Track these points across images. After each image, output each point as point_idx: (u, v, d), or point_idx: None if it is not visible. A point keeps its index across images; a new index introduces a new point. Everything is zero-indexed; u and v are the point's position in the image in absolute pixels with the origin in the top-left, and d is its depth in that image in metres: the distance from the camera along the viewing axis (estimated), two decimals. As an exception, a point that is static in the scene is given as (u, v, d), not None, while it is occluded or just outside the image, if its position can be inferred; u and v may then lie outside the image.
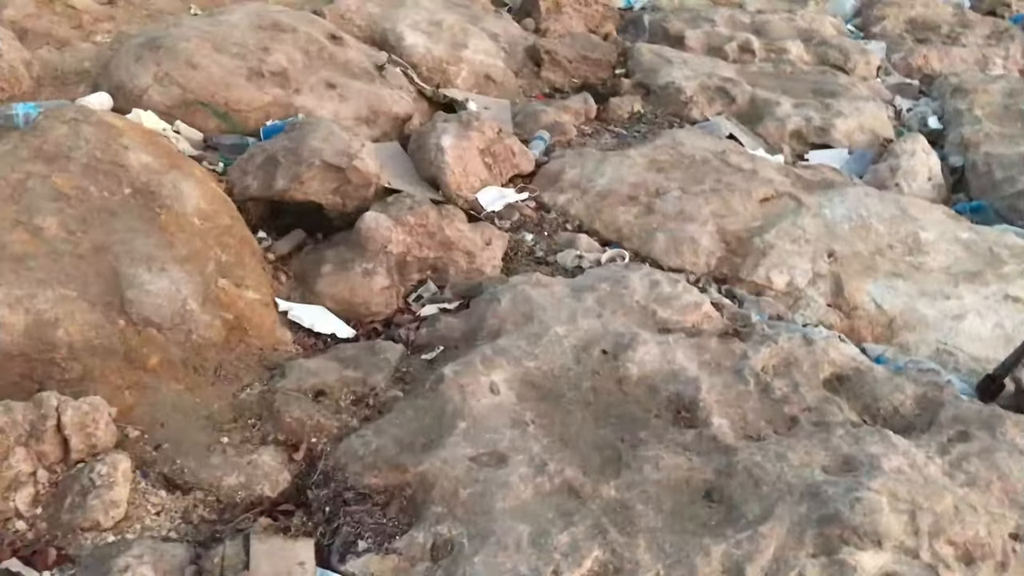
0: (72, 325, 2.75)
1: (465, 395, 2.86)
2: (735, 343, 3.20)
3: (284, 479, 2.66)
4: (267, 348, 3.20)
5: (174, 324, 2.97)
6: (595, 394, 2.96)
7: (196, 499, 2.53)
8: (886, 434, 2.68)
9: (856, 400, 3.00)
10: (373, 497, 2.61)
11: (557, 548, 2.33)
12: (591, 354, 3.10)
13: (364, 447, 2.73)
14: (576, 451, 2.73)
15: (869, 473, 2.48)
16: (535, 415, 2.85)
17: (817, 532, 2.33)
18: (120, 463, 2.42)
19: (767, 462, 2.57)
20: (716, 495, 2.54)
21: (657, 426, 2.82)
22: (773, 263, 3.99)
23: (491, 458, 2.66)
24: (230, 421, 2.82)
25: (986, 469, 2.62)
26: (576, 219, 4.36)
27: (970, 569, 2.32)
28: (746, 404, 2.92)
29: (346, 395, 3.00)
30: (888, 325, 3.80)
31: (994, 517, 2.45)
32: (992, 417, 2.81)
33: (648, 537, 2.38)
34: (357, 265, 3.62)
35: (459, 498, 2.52)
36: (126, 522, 2.39)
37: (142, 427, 2.69)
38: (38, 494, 2.39)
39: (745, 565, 2.26)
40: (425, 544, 2.42)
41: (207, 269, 3.23)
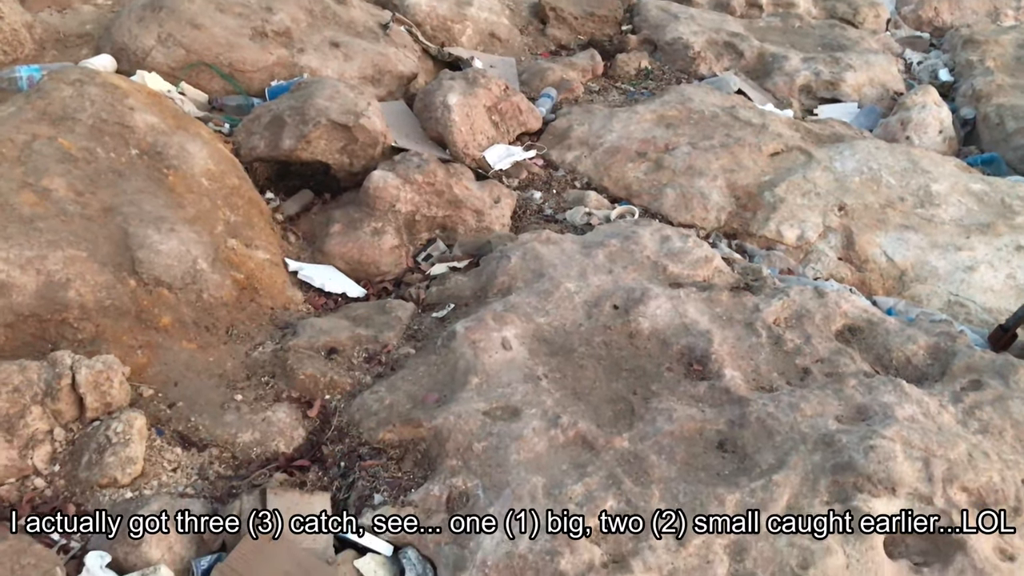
0: (83, 286, 2.75)
1: (477, 351, 2.86)
2: (746, 297, 3.19)
3: (299, 435, 2.67)
4: (278, 307, 3.20)
5: (185, 284, 2.97)
6: (607, 349, 2.96)
7: (211, 456, 2.55)
8: (899, 383, 2.68)
9: (868, 351, 3.00)
10: (388, 452, 2.63)
11: (571, 498, 2.34)
12: (602, 309, 3.09)
13: (378, 403, 2.74)
14: (589, 405, 2.73)
15: (883, 422, 2.48)
16: (547, 370, 2.86)
17: (831, 480, 2.33)
18: (135, 421, 2.43)
19: (780, 412, 2.57)
20: (729, 445, 2.54)
21: (669, 379, 2.82)
22: (783, 217, 3.97)
23: (504, 412, 2.67)
24: (243, 379, 2.83)
25: (999, 417, 2.62)
26: (584, 176, 4.33)
27: (984, 515, 2.32)
28: (758, 356, 2.91)
29: (358, 353, 3.01)
30: (899, 278, 3.78)
31: (1007, 463, 2.46)
32: (1005, 365, 2.81)
33: (662, 487, 2.39)
34: (365, 225, 3.61)
35: (473, 451, 2.53)
36: (143, 479, 2.41)
37: (156, 386, 2.70)
38: (55, 452, 2.41)
39: (759, 513, 2.27)
40: (441, 496, 2.43)
41: (216, 229, 3.22)
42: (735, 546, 2.23)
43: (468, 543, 2.27)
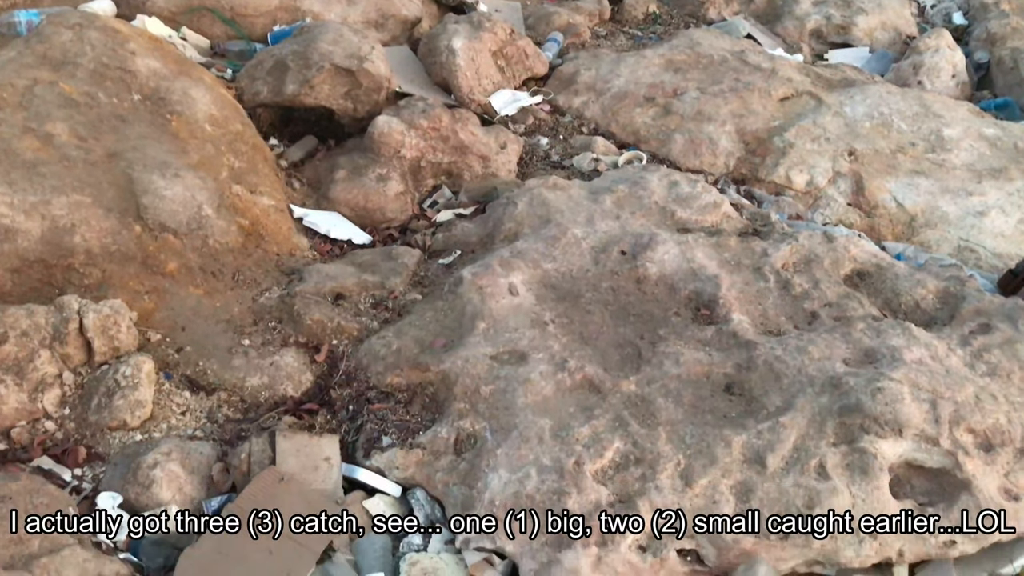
0: (88, 231, 2.74)
1: (484, 296, 2.85)
2: (755, 242, 3.17)
3: (307, 380, 2.68)
4: (284, 254, 3.19)
5: (190, 230, 2.96)
6: (614, 294, 2.95)
7: (220, 399, 2.57)
8: (908, 327, 2.67)
9: (877, 296, 2.98)
10: (396, 396, 2.64)
11: (579, 440, 2.36)
12: (610, 255, 3.07)
13: (385, 348, 2.75)
14: (596, 349, 2.73)
15: (890, 364, 2.48)
16: (554, 315, 2.85)
17: (838, 422, 2.33)
18: (144, 364, 2.44)
19: (788, 356, 2.56)
20: (736, 389, 2.55)
21: (677, 324, 2.82)
22: (793, 162, 3.92)
23: (512, 356, 2.67)
24: (250, 324, 2.84)
25: (1007, 359, 2.62)
26: (592, 122, 4.28)
27: (989, 456, 2.33)
28: (766, 301, 2.90)
29: (365, 298, 3.01)
30: (909, 223, 3.74)
31: (1014, 406, 2.45)
32: (1015, 309, 2.79)
33: (669, 429, 2.40)
34: (371, 171, 3.58)
35: (481, 395, 2.54)
36: (152, 422, 2.43)
37: (163, 331, 2.71)
38: (65, 395, 2.43)
39: (766, 454, 2.28)
40: (449, 438, 2.45)
41: (221, 175, 3.20)
42: (741, 487, 2.24)
43: (476, 483, 2.29)
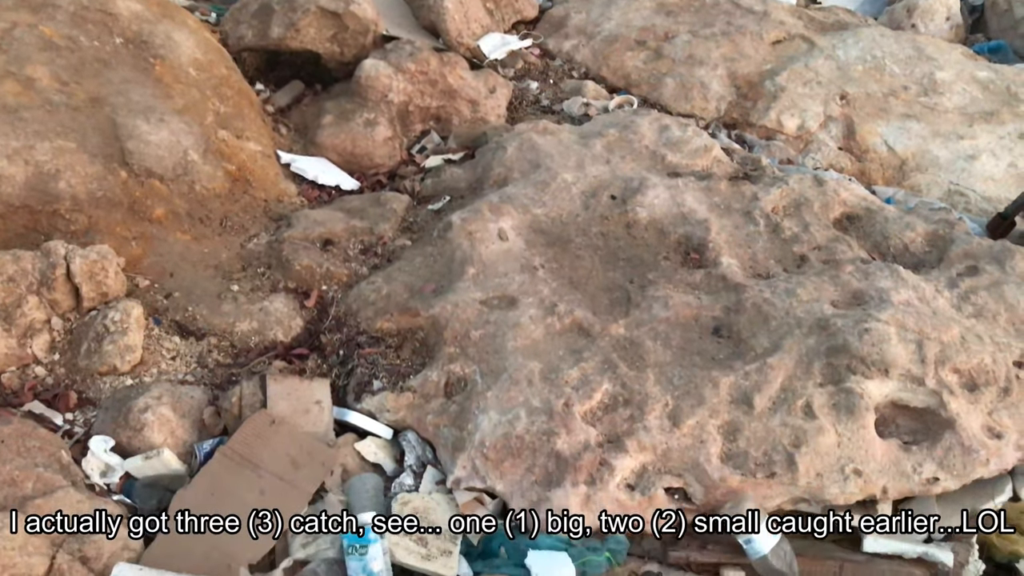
0: (73, 177, 2.71)
1: (473, 241, 2.84)
2: (745, 186, 3.15)
3: (296, 325, 2.68)
4: (271, 200, 3.17)
5: (176, 175, 2.93)
6: (604, 239, 2.94)
7: (210, 344, 2.57)
8: (896, 269, 2.68)
9: (866, 239, 2.99)
10: (386, 340, 2.64)
11: (568, 383, 2.37)
12: (600, 200, 3.06)
13: (375, 293, 2.75)
14: (585, 293, 2.73)
15: (878, 306, 2.49)
16: (544, 260, 2.85)
17: (825, 363, 2.35)
18: (132, 310, 2.44)
19: (776, 298, 2.57)
20: (725, 331, 2.56)
21: (666, 267, 2.82)
22: (784, 106, 3.89)
23: (501, 301, 2.67)
24: (239, 270, 2.83)
25: (994, 301, 2.63)
26: (582, 66, 4.23)
27: (974, 395, 2.35)
28: (755, 244, 2.90)
29: (354, 244, 2.99)
30: (899, 167, 3.74)
31: (999, 346, 2.48)
32: (1002, 251, 2.80)
33: (657, 371, 2.42)
34: (358, 116, 3.54)
35: (471, 339, 2.55)
36: (142, 366, 2.43)
37: (151, 277, 2.70)
38: (54, 341, 2.42)
39: (753, 395, 2.30)
40: (439, 382, 2.46)
41: (206, 120, 3.16)
42: (728, 426, 2.27)
43: (466, 425, 2.31)
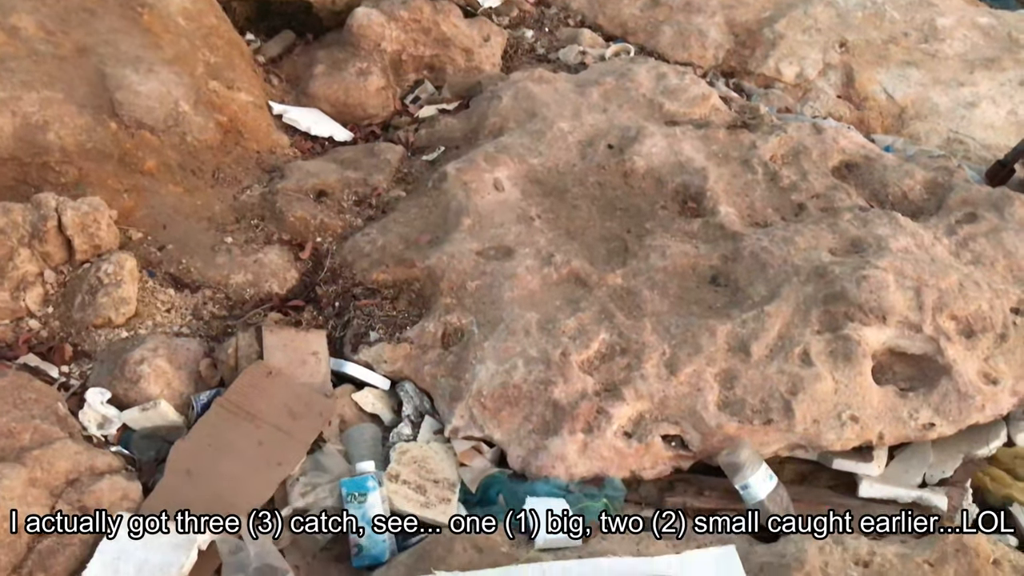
0: (62, 128, 2.67)
1: (469, 192, 2.81)
2: (743, 134, 3.12)
3: (291, 277, 2.67)
4: (264, 151, 3.13)
5: (167, 127, 2.88)
6: (601, 188, 2.92)
7: (205, 297, 2.55)
8: (894, 216, 2.66)
9: (865, 187, 2.96)
10: (382, 292, 2.63)
11: (565, 332, 2.36)
12: (596, 149, 3.03)
13: (370, 245, 2.73)
14: (582, 243, 2.72)
15: (876, 253, 2.48)
16: (540, 210, 2.83)
17: (823, 310, 2.35)
18: (126, 262, 2.41)
19: (774, 246, 2.56)
20: (722, 280, 2.55)
21: (663, 217, 2.80)
22: (783, 54, 3.84)
23: (498, 252, 2.66)
24: (233, 222, 2.80)
25: (992, 248, 2.62)
26: (578, 14, 4.16)
27: (970, 341, 2.35)
28: (753, 193, 2.88)
29: (348, 195, 2.96)
30: (899, 116, 3.70)
31: (997, 293, 2.47)
32: (1001, 198, 2.78)
33: (654, 320, 2.41)
34: (350, 65, 3.48)
35: (467, 290, 2.53)
36: (137, 319, 2.41)
37: (144, 229, 2.67)
38: (47, 294, 2.40)
39: (750, 343, 2.30)
40: (436, 332, 2.45)
41: (196, 71, 3.10)
42: (725, 374, 2.27)
43: (464, 375, 2.31)
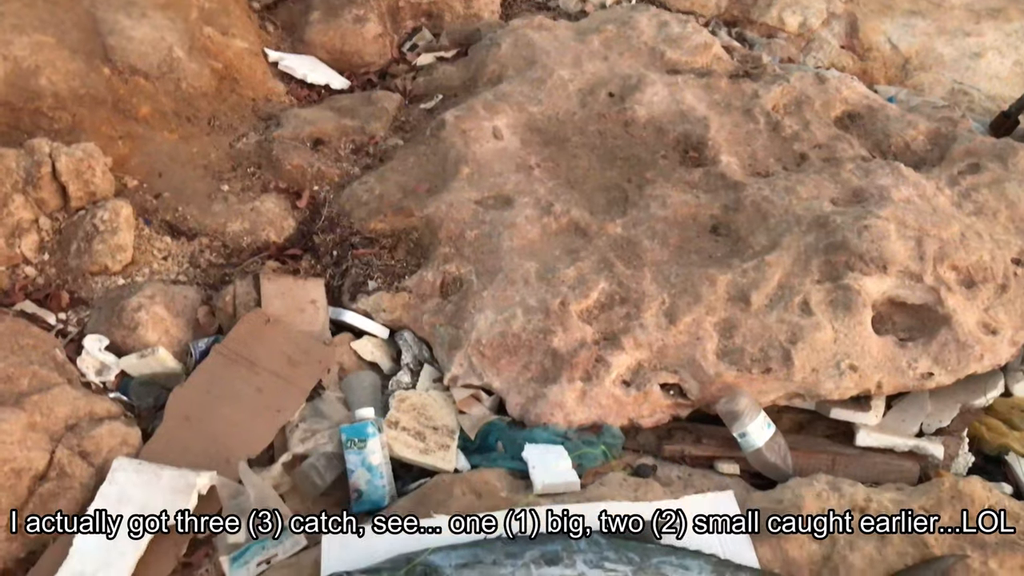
0: (55, 73, 2.63)
1: (468, 140, 2.78)
2: (745, 83, 3.08)
3: (289, 225, 2.65)
4: (260, 99, 3.09)
5: (162, 73, 2.84)
6: (601, 137, 2.89)
7: (201, 244, 2.53)
8: (897, 166, 2.63)
9: (867, 137, 2.93)
10: (380, 241, 2.61)
11: (564, 282, 2.35)
12: (597, 97, 2.99)
13: (368, 193, 2.70)
14: (582, 193, 2.69)
15: (878, 203, 2.46)
16: (540, 159, 2.80)
17: (824, 260, 2.33)
18: (121, 209, 2.39)
19: (775, 196, 2.54)
20: (723, 229, 2.53)
21: (664, 166, 2.77)
22: (786, 3, 3.78)
23: (497, 201, 2.63)
24: (229, 170, 2.77)
25: (995, 198, 2.60)
26: (578, -40, 4.08)
27: (971, 292, 2.34)
28: (755, 142, 2.85)
29: (345, 144, 2.93)
30: (903, 66, 3.65)
31: (998, 243, 2.46)
32: (1005, 149, 2.75)
33: (654, 270, 2.40)
34: (347, 12, 3.42)
35: (466, 239, 2.52)
36: (134, 266, 2.40)
37: (140, 177, 2.64)
38: (42, 241, 2.38)
39: (750, 292, 2.29)
40: (434, 282, 2.44)
41: (190, 16, 3.04)
42: (725, 323, 2.26)
43: (463, 324, 2.30)
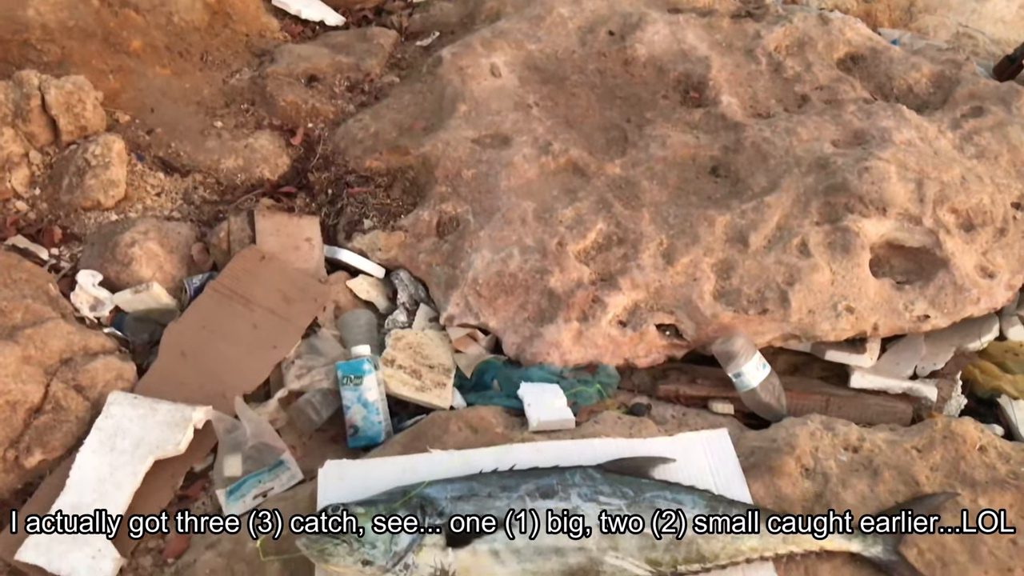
0: (42, 4, 2.57)
1: (465, 78, 2.74)
2: (748, 23, 3.02)
3: (283, 163, 2.62)
4: (253, 34, 3.03)
5: (152, 5, 2.78)
6: (601, 76, 2.84)
7: (195, 181, 2.50)
8: (899, 108, 2.60)
9: (870, 79, 2.89)
10: (375, 179, 2.59)
11: (562, 222, 2.33)
12: (597, 36, 2.94)
13: (363, 131, 2.67)
14: (581, 132, 2.66)
15: (879, 145, 2.43)
16: (538, 98, 2.76)
17: (823, 201, 2.31)
18: (113, 144, 2.36)
19: (776, 137, 2.51)
20: (723, 170, 2.51)
21: (664, 106, 2.73)
22: (791, -58, 3.70)
23: (494, 139, 2.60)
24: (222, 106, 2.73)
25: (997, 142, 2.57)
26: None
27: (969, 235, 2.33)
28: (757, 83, 2.81)
29: (340, 81, 2.88)
30: (907, 8, 3.59)
31: (999, 187, 2.44)
32: (1009, 92, 2.72)
33: (653, 210, 2.38)
34: (342, -54, 3.34)
35: (463, 178, 2.49)
36: (127, 202, 2.37)
37: (131, 112, 2.60)
38: (34, 175, 2.35)
39: (748, 233, 2.28)
40: (431, 221, 2.42)
41: (180, -53, 2.97)
42: (722, 264, 2.25)
43: (459, 263, 2.29)
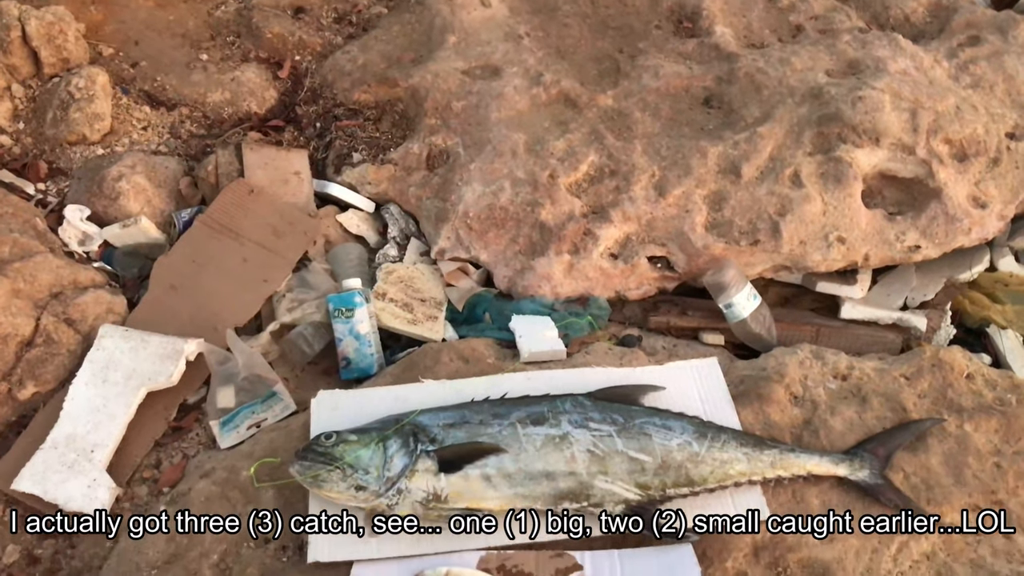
0: (18, -68, 2.50)
1: (454, 8, 2.69)
2: (742, -49, 2.96)
3: (271, 96, 2.58)
4: (238, -36, 2.96)
5: (132, -66, 2.71)
6: (593, 6, 2.79)
7: (182, 115, 2.47)
8: (895, 38, 2.56)
9: (865, 9, 2.85)
10: (364, 112, 2.56)
11: (553, 154, 2.31)
12: (588, -36, 2.88)
13: (351, 63, 2.62)
14: (573, 63, 2.62)
15: (874, 75, 2.40)
16: (529, 28, 2.71)
17: (816, 132, 2.30)
18: (97, 76, 2.32)
19: (770, 67, 2.48)
20: (715, 101, 2.48)
21: (657, 37, 2.69)
22: None
23: (484, 71, 2.57)
24: (207, 39, 2.68)
25: (993, 71, 2.55)
26: None
27: (963, 165, 2.32)
28: (751, 13, 2.76)
29: (327, 12, 2.83)
30: (906, -64, 3.51)
31: (993, 117, 2.42)
32: (1007, 20, 2.68)
33: (645, 142, 2.36)
34: None
35: (453, 110, 2.46)
36: (113, 136, 2.34)
37: (115, 45, 2.55)
38: (17, 109, 2.32)
39: (741, 164, 2.26)
40: (421, 154, 2.40)
41: None
42: (714, 196, 2.24)
43: (450, 197, 2.28)
